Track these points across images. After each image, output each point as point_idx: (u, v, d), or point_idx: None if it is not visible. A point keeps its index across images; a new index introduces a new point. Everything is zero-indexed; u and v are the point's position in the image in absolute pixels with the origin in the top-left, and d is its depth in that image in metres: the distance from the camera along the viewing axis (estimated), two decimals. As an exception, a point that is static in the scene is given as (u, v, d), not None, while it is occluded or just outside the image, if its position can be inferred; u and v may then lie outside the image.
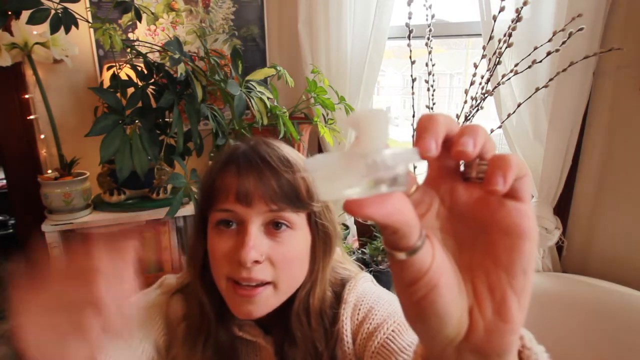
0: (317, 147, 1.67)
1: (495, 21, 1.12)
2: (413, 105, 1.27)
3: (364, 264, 1.39)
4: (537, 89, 1.12)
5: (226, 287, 0.57)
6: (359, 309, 0.64)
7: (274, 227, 0.57)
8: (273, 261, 0.56)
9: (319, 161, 0.22)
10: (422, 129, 0.25)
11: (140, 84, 1.17)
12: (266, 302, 0.57)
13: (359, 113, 0.23)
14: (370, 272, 1.29)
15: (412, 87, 1.25)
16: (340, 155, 0.22)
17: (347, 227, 1.57)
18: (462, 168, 0.28)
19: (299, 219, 0.59)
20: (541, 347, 0.35)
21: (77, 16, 1.07)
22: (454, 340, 0.27)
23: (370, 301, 0.64)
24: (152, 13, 1.27)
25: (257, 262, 0.54)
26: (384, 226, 0.24)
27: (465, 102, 1.20)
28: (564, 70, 1.09)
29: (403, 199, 0.25)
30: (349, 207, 0.23)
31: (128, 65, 1.24)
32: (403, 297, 0.28)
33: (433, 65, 1.23)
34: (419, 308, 0.27)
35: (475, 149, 0.25)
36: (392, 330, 0.58)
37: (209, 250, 0.59)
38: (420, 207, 0.28)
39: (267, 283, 0.57)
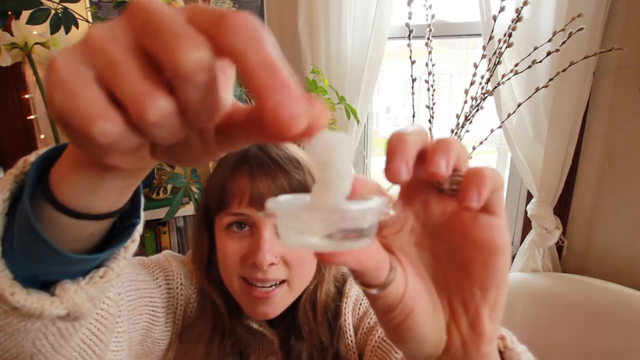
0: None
1: (495, 21, 1.12)
2: (413, 105, 1.27)
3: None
4: (537, 89, 1.12)
5: (239, 288, 0.57)
6: (360, 303, 0.64)
7: None
8: (287, 261, 0.56)
9: (284, 206, 0.21)
10: (392, 151, 0.24)
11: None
12: (281, 301, 0.58)
13: (319, 140, 0.20)
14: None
15: (412, 87, 1.25)
16: (306, 203, 0.21)
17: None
18: None
19: None
20: (523, 346, 0.36)
21: (77, 16, 1.08)
22: (433, 355, 0.28)
23: None
24: (152, 13, 1.27)
25: (272, 264, 0.55)
26: (353, 270, 0.24)
27: (465, 102, 1.20)
28: (564, 70, 1.09)
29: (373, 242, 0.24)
30: (322, 258, 0.23)
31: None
32: (382, 323, 0.28)
33: (433, 65, 1.23)
34: (397, 333, 0.27)
35: (449, 169, 0.24)
36: None
37: (219, 251, 0.59)
38: (395, 224, 0.28)
39: (282, 282, 0.57)
